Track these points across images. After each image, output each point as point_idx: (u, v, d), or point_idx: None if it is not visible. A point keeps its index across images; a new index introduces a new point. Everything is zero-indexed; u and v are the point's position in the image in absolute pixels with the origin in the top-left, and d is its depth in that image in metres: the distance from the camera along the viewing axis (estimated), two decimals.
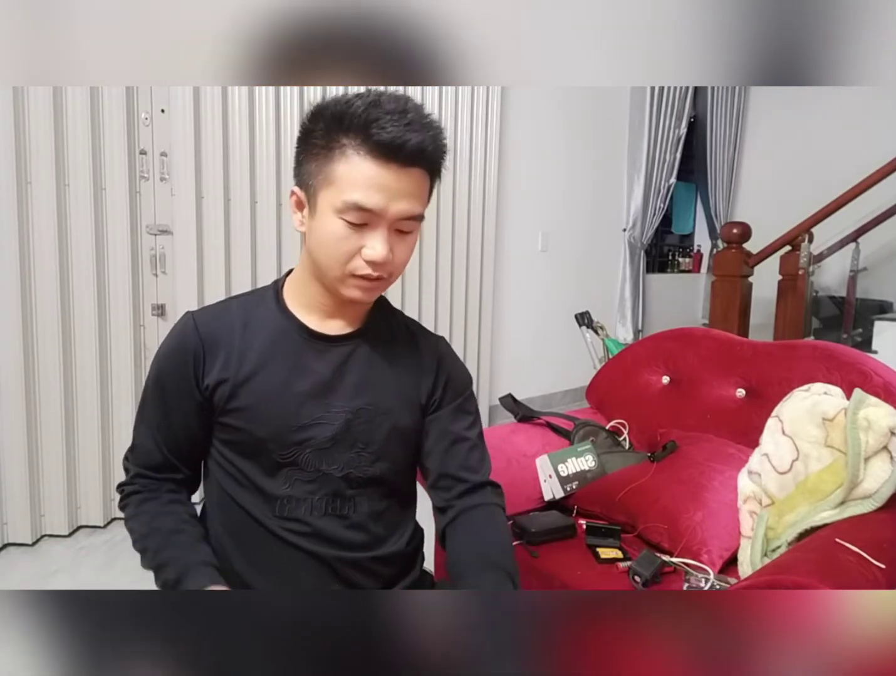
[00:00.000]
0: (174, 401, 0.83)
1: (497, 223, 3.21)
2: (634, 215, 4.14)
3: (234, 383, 0.82)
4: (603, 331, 3.09)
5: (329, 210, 0.75)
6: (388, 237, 0.76)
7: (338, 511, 0.84)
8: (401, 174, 0.74)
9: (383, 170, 0.73)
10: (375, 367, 0.87)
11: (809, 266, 2.96)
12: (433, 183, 0.81)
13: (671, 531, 1.23)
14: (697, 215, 5.15)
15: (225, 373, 0.82)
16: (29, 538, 2.00)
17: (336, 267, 0.78)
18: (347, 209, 0.74)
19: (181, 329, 0.84)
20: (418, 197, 0.77)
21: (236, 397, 0.82)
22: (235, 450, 0.84)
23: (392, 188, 0.74)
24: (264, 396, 0.82)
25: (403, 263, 0.82)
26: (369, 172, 0.73)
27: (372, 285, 0.80)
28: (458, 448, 0.90)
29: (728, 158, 4.76)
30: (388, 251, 0.76)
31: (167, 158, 2.13)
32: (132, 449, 0.87)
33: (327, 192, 0.75)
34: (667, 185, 4.28)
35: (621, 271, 4.22)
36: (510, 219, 3.43)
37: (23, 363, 1.92)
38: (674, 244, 5.21)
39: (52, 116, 1.88)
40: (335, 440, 0.83)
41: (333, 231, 0.75)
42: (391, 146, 0.72)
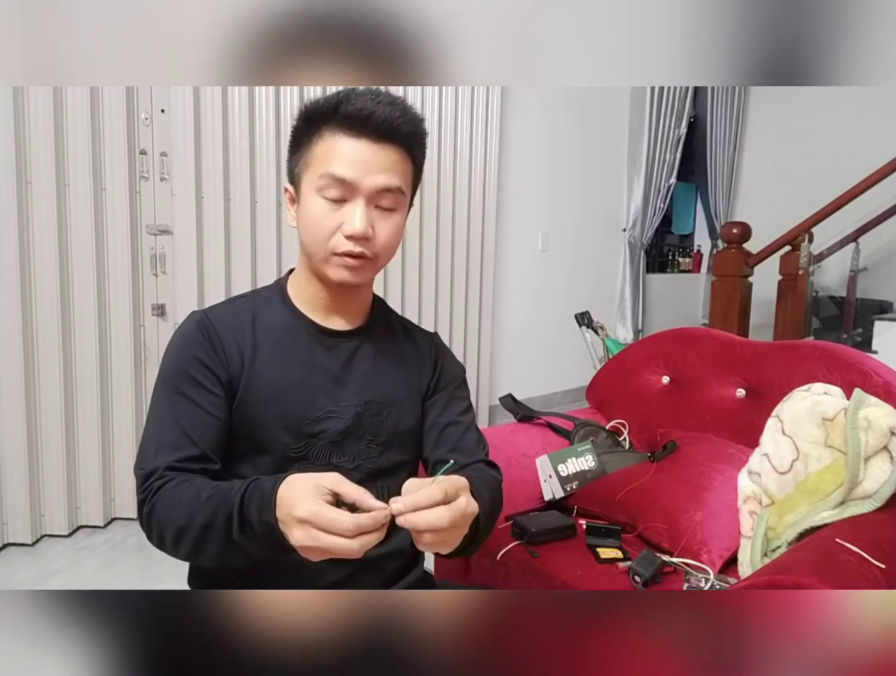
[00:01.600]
0: (198, 392, 0.80)
1: (497, 223, 3.21)
2: (634, 215, 4.14)
3: (249, 374, 0.82)
4: (603, 330, 3.09)
5: (310, 190, 0.79)
6: (366, 212, 0.78)
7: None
8: (375, 148, 0.77)
9: (356, 143, 0.76)
10: (380, 362, 0.90)
11: (809, 266, 2.96)
12: (416, 165, 0.83)
13: (671, 531, 1.23)
14: (697, 215, 5.16)
15: (240, 365, 0.82)
16: (29, 538, 2.00)
17: (320, 247, 0.80)
18: (325, 186, 0.77)
19: (194, 323, 0.83)
20: (395, 172, 0.79)
21: (251, 389, 0.82)
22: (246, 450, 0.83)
23: (366, 161, 0.76)
24: (279, 390, 0.82)
25: (389, 244, 0.82)
26: (342, 146, 0.76)
27: (356, 264, 0.80)
28: (451, 431, 0.93)
29: (728, 158, 4.76)
30: (367, 225, 0.78)
31: (167, 158, 2.13)
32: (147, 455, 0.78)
33: (307, 174, 0.79)
34: (667, 185, 4.29)
35: (621, 271, 4.22)
36: (510, 219, 3.43)
37: (23, 363, 1.92)
38: (674, 244, 5.21)
39: (52, 116, 1.88)
40: (346, 433, 0.85)
41: (314, 209, 0.78)
42: (358, 117, 0.75)
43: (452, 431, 0.93)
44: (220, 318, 0.84)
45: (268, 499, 0.65)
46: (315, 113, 0.79)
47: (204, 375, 0.80)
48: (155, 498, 0.74)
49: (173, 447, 0.77)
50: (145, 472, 0.76)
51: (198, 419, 0.79)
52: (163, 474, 0.76)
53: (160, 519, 0.73)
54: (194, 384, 0.80)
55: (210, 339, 0.81)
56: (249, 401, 0.82)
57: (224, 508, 0.68)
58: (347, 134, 0.76)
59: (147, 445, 0.79)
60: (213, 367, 0.80)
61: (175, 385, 0.80)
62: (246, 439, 0.83)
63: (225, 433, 0.82)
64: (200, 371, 0.80)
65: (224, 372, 0.81)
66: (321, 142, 0.78)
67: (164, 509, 0.73)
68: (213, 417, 0.80)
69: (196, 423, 0.79)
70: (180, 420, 0.79)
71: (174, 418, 0.79)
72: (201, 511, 0.70)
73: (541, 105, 3.50)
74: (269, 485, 0.66)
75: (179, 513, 0.72)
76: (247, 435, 0.82)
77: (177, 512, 0.72)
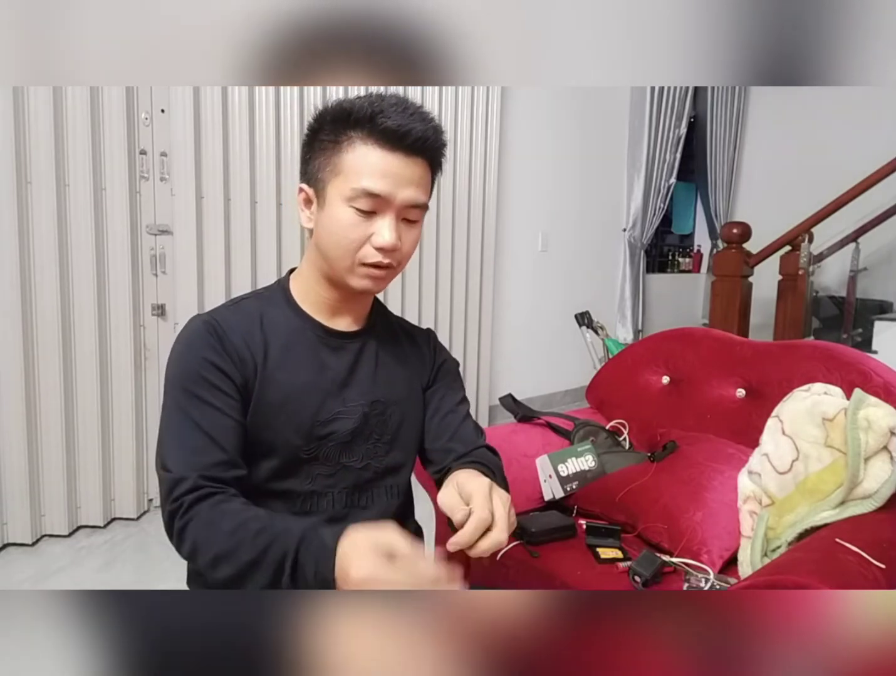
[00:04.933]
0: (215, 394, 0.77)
1: (497, 223, 3.21)
2: (634, 215, 4.14)
3: (262, 380, 0.81)
4: (603, 330, 3.09)
5: (338, 199, 0.77)
6: (396, 224, 0.78)
7: (356, 502, 0.87)
8: (406, 162, 0.77)
9: (390, 157, 0.76)
10: (383, 362, 0.91)
11: (809, 266, 2.96)
12: (434, 176, 0.84)
13: (671, 531, 1.23)
14: (697, 215, 5.16)
15: (252, 366, 0.81)
16: (29, 538, 2.00)
17: (346, 256, 0.79)
18: (356, 196, 0.76)
19: (201, 324, 0.80)
20: (423, 186, 0.80)
21: (264, 391, 0.81)
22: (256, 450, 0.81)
23: (399, 175, 0.76)
24: (289, 393, 0.82)
25: (409, 253, 0.84)
26: (376, 159, 0.76)
27: (381, 274, 0.81)
28: (450, 419, 0.94)
29: (728, 158, 4.76)
30: (397, 238, 0.78)
31: (167, 158, 2.13)
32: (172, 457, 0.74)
33: (336, 182, 0.78)
34: (667, 185, 4.29)
35: (621, 271, 4.22)
36: (510, 219, 3.43)
37: (23, 363, 1.92)
38: (674, 244, 5.21)
39: (52, 116, 1.88)
40: (355, 433, 0.86)
41: (343, 219, 0.77)
42: (397, 133, 0.75)
43: (451, 420, 0.94)
44: (227, 321, 0.82)
45: (329, 554, 0.63)
46: (344, 119, 0.77)
47: (218, 377, 0.78)
48: (190, 515, 0.71)
49: (199, 451, 0.74)
50: (174, 478, 0.73)
51: (218, 421, 0.76)
52: (196, 485, 0.72)
53: (196, 540, 0.71)
54: (209, 386, 0.77)
55: (221, 341, 0.79)
56: (262, 405, 0.81)
57: (276, 551, 0.66)
58: (382, 147, 0.76)
59: (168, 446, 0.76)
60: (226, 369, 0.78)
61: (188, 388, 0.77)
62: (256, 442, 0.81)
63: (244, 436, 0.80)
64: (213, 372, 0.77)
65: (238, 374, 0.79)
66: (352, 151, 0.76)
67: (201, 531, 0.70)
68: (233, 419, 0.78)
69: (217, 426, 0.76)
70: (201, 422, 0.75)
71: (194, 420, 0.76)
72: (249, 546, 0.67)
73: (541, 105, 3.50)
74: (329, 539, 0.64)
75: (220, 540, 0.69)
76: (257, 437, 0.81)
77: (217, 537, 0.69)
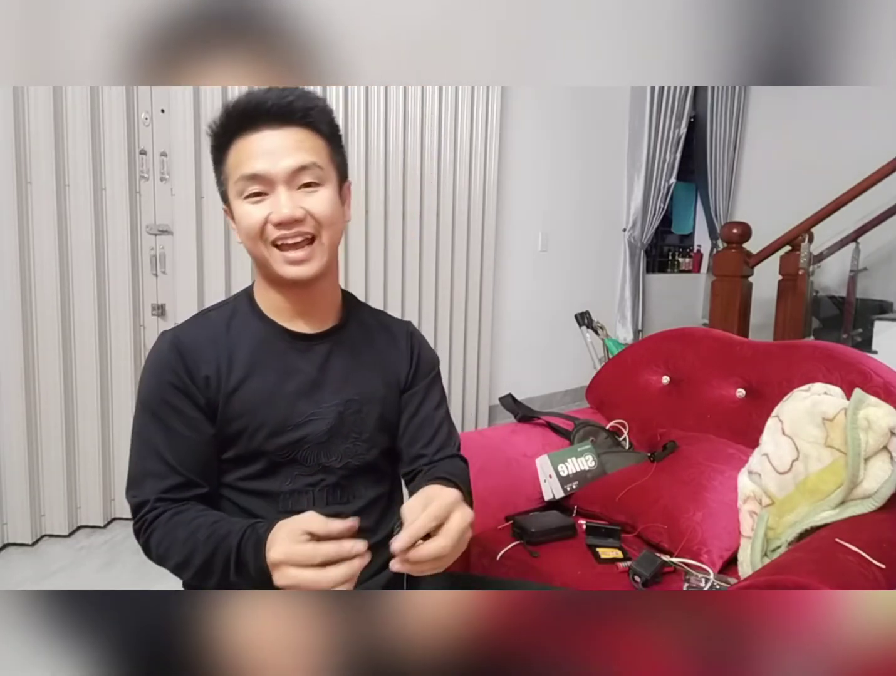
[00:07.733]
0: (176, 417, 0.81)
1: (497, 223, 3.21)
2: (634, 215, 4.13)
3: (227, 391, 0.82)
4: (603, 330, 3.09)
5: (237, 200, 0.80)
6: (289, 196, 0.78)
7: (338, 499, 0.87)
8: (275, 134, 0.77)
9: (256, 137, 0.77)
10: (357, 359, 0.90)
11: (809, 266, 2.96)
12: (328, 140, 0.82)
13: (671, 531, 1.23)
14: (697, 215, 5.15)
15: (216, 383, 0.82)
16: (29, 538, 2.00)
17: (256, 244, 0.80)
18: (244, 187, 0.78)
19: (165, 346, 0.83)
20: (304, 149, 0.78)
21: (230, 405, 0.82)
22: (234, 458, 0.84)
23: (272, 149, 0.77)
24: (257, 401, 0.83)
25: (327, 219, 0.81)
26: (245, 144, 0.78)
27: (301, 254, 0.80)
28: (426, 427, 0.94)
29: (728, 158, 4.76)
30: (293, 207, 0.78)
31: (167, 158, 2.13)
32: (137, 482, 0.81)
33: (230, 186, 0.81)
34: (667, 185, 4.28)
35: (621, 271, 4.22)
36: (510, 219, 3.43)
37: (23, 363, 1.92)
38: (674, 244, 5.20)
39: (52, 116, 1.88)
40: (331, 433, 0.86)
41: (243, 214, 0.80)
42: (248, 106, 0.77)
43: (427, 426, 0.94)
44: (193, 337, 0.83)
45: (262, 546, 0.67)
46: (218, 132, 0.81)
47: (180, 400, 0.81)
48: (150, 530, 0.78)
49: (158, 476, 0.80)
50: (137, 502, 0.80)
51: (178, 446, 0.80)
52: (154, 506, 0.78)
53: (158, 552, 0.77)
54: (170, 409, 0.81)
55: (184, 362, 0.81)
56: (232, 415, 0.82)
57: (222, 551, 0.72)
58: (248, 130, 0.77)
59: (134, 471, 0.82)
60: (188, 391, 0.81)
61: (153, 410, 0.81)
62: (234, 448, 0.83)
63: (210, 449, 0.83)
64: (176, 395, 0.81)
65: (200, 394, 0.81)
66: (230, 151, 0.80)
67: (160, 543, 0.77)
68: (194, 439, 0.81)
69: (176, 450, 0.80)
70: (159, 448, 0.80)
71: (154, 446, 0.80)
72: (200, 551, 0.73)
73: (541, 105, 3.50)
74: (264, 532, 0.68)
75: (176, 549, 0.75)
76: (234, 444, 0.83)
77: (175, 547, 0.75)
